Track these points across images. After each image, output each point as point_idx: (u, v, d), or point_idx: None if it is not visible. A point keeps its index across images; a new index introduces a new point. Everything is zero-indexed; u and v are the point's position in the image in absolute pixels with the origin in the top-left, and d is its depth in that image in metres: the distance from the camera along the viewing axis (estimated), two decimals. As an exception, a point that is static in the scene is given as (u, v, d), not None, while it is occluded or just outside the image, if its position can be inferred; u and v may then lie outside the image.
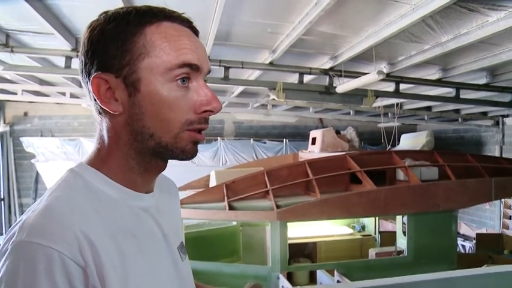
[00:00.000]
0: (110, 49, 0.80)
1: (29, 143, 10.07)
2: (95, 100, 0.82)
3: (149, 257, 0.83)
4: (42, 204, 0.76)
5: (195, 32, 0.88)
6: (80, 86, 7.55)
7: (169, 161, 0.89)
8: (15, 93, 7.49)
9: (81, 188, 0.80)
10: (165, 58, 0.80)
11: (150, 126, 0.81)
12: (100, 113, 0.84)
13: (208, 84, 0.88)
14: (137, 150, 0.84)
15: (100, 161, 0.85)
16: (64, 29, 4.31)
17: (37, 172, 10.47)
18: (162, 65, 0.80)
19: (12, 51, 4.60)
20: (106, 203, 0.81)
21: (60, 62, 5.13)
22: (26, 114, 10.90)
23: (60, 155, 9.88)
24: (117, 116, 0.82)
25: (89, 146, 9.67)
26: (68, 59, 4.93)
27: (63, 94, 7.87)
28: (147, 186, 0.91)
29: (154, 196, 0.93)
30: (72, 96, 7.93)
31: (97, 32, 0.81)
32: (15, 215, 10.77)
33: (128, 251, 0.78)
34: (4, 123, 10.64)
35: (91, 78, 0.80)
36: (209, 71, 0.88)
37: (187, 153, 0.86)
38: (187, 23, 0.86)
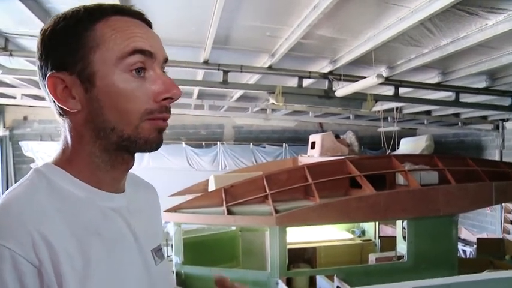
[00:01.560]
0: (61, 47, 0.80)
1: (29, 148, 10.06)
2: (54, 102, 0.82)
3: (116, 258, 0.81)
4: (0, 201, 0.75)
5: (149, 24, 0.88)
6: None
7: (168, 166, 0.87)
8: (15, 97, 7.48)
9: (44, 187, 0.79)
10: (116, 48, 0.79)
11: (110, 119, 0.80)
12: (61, 114, 0.84)
13: (207, 88, 0.87)
14: (101, 147, 0.83)
15: (65, 161, 0.84)
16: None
17: (36, 177, 10.43)
18: (113, 55, 0.79)
19: (11, 55, 4.59)
20: (70, 202, 0.79)
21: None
22: (25, 118, 10.88)
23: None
24: (77, 114, 0.81)
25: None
26: (67, 62, 4.92)
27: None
28: (116, 185, 0.89)
29: (126, 196, 0.91)
30: (71, 100, 7.90)
31: (48, 34, 0.81)
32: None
33: (92, 251, 0.76)
34: (4, 127, 10.62)
35: (46, 79, 0.80)
36: (166, 60, 0.87)
37: (152, 143, 0.84)
38: (138, 15, 0.86)
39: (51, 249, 0.70)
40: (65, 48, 0.79)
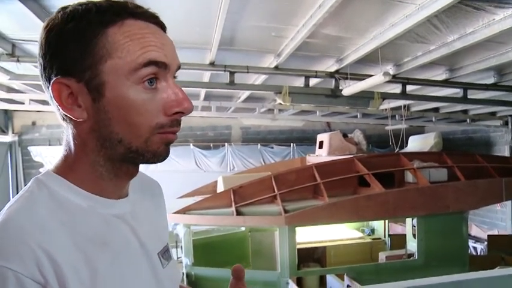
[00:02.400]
0: (69, 52, 0.74)
1: (37, 152, 10.11)
2: (57, 107, 0.77)
3: (122, 266, 0.79)
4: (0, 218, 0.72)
5: (163, 27, 0.83)
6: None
7: (177, 168, 0.85)
8: (23, 103, 7.53)
9: (46, 199, 0.76)
10: (128, 58, 0.75)
11: (118, 131, 0.77)
12: (64, 119, 0.80)
13: (214, 90, 0.84)
14: (106, 156, 0.79)
15: (67, 168, 0.81)
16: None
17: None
18: (126, 66, 0.74)
19: (18, 60, 4.62)
20: (73, 213, 0.76)
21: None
22: (33, 123, 10.95)
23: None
24: (82, 123, 0.77)
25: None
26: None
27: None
28: (119, 192, 0.86)
29: (129, 201, 0.88)
30: (79, 104, 7.96)
31: (55, 33, 0.75)
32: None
33: (98, 261, 0.74)
34: (12, 133, 10.69)
35: (51, 83, 0.75)
36: (179, 67, 0.83)
37: (159, 156, 0.81)
38: (153, 19, 0.81)
39: (55, 265, 0.67)
40: (74, 54, 0.74)
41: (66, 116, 0.78)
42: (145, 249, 0.85)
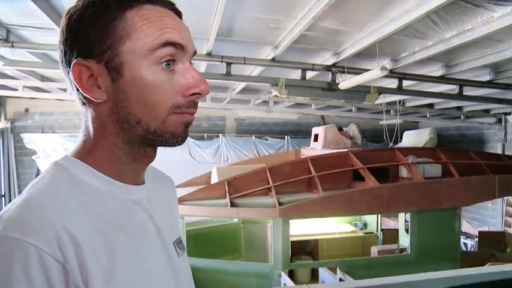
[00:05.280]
0: (89, 34, 0.76)
1: (30, 140, 10.06)
2: (77, 90, 0.79)
3: (140, 251, 0.80)
4: (22, 197, 0.73)
5: (179, 14, 0.85)
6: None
7: (171, 158, 0.85)
8: (16, 89, 7.47)
9: (66, 181, 0.77)
10: (147, 39, 0.77)
11: (136, 112, 0.78)
12: (84, 103, 0.81)
13: (210, 80, 0.84)
14: (124, 139, 0.81)
15: (86, 152, 0.82)
16: (65, 24, 4.28)
17: (38, 169, 10.45)
18: (144, 46, 0.77)
19: (12, 46, 4.57)
20: (93, 196, 0.78)
21: (62, 57, 5.09)
22: (27, 110, 10.88)
23: (61, 151, 9.84)
24: (101, 105, 0.79)
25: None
26: (69, 54, 4.89)
27: (64, 90, 7.86)
28: (137, 178, 0.87)
29: (146, 188, 0.90)
30: (74, 92, 7.91)
31: (75, 18, 0.77)
32: (16, 211, 10.75)
33: (117, 245, 0.75)
34: (5, 119, 10.62)
35: (71, 66, 0.77)
36: (195, 52, 0.85)
37: (178, 137, 0.82)
38: (169, 5, 0.83)
39: (76, 246, 0.69)
40: (94, 36, 0.76)
41: (85, 99, 0.80)
42: (162, 237, 0.87)
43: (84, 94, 0.78)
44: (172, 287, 0.86)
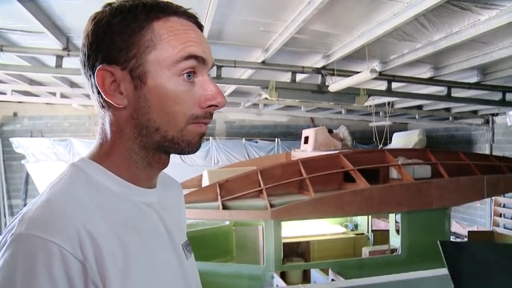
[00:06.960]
0: (116, 42, 0.79)
1: (19, 144, 9.96)
2: (99, 93, 0.81)
3: (153, 252, 0.83)
4: (43, 197, 0.75)
5: (200, 27, 0.89)
6: (71, 86, 7.44)
7: None
8: (5, 93, 7.43)
9: (84, 182, 0.80)
10: (171, 51, 0.80)
11: (155, 120, 0.81)
12: (103, 107, 0.84)
13: None
14: (141, 144, 0.84)
15: (103, 155, 0.85)
16: (55, 28, 4.26)
17: (27, 173, 10.38)
18: (168, 58, 0.80)
19: (1, 50, 4.54)
20: (108, 198, 0.81)
21: (51, 61, 5.07)
22: (15, 114, 10.80)
23: (51, 155, 9.78)
24: (121, 110, 0.82)
25: (79, 147, 9.61)
26: (59, 58, 4.87)
27: (54, 94, 7.82)
28: (150, 182, 0.90)
29: (158, 192, 0.92)
30: (63, 96, 7.88)
31: (103, 24, 0.80)
32: (5, 216, 10.66)
33: (131, 246, 0.78)
34: (-7, 123, 10.54)
35: (96, 71, 0.79)
36: (213, 65, 0.88)
37: (193, 146, 0.85)
38: (193, 18, 0.86)
39: (95, 245, 0.71)
40: (120, 44, 0.79)
41: (106, 103, 0.82)
42: (172, 239, 0.89)
43: (105, 98, 0.81)
44: (182, 287, 0.89)
